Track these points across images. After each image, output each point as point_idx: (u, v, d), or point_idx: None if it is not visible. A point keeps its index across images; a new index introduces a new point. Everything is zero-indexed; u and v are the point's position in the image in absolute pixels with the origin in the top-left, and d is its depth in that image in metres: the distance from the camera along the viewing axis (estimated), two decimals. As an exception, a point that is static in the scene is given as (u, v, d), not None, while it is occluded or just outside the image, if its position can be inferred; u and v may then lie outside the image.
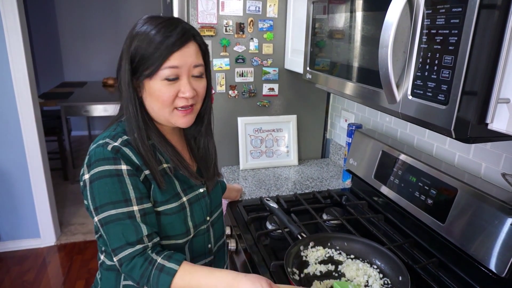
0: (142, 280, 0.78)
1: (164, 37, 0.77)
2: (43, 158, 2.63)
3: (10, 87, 2.39)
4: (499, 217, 0.90)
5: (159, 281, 0.76)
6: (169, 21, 0.80)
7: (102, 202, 0.77)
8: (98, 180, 0.77)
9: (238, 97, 1.76)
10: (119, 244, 0.77)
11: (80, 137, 5.25)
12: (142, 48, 0.78)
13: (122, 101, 0.84)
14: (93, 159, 0.78)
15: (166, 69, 0.78)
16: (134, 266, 0.77)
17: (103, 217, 0.78)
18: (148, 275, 0.77)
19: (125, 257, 0.77)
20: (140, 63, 0.79)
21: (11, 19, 2.28)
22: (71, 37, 5.04)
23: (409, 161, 1.22)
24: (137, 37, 0.79)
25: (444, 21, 0.67)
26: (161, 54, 0.77)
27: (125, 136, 0.82)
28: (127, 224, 0.77)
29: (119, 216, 0.77)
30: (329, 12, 1.12)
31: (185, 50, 0.80)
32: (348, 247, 1.09)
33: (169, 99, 0.81)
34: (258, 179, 1.68)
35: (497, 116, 0.63)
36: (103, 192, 0.77)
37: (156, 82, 0.80)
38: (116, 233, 0.77)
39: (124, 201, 0.77)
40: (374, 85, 0.89)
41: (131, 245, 0.77)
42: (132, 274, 0.78)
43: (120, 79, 0.82)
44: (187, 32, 0.80)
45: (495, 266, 0.88)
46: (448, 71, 0.66)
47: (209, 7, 1.60)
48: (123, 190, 0.78)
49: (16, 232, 2.71)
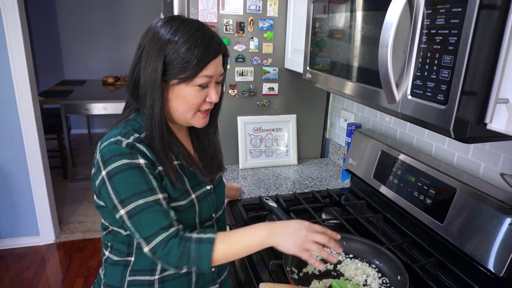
0: (182, 260, 0.78)
1: (205, 47, 0.80)
2: (43, 156, 2.63)
3: (10, 85, 2.39)
4: (497, 217, 0.90)
5: (201, 252, 0.77)
6: (204, 29, 0.83)
7: (127, 194, 0.77)
8: (119, 174, 0.77)
9: (238, 96, 1.76)
10: (153, 230, 0.77)
11: (79, 135, 5.25)
12: (181, 54, 0.79)
13: (138, 100, 0.84)
14: (108, 156, 0.78)
15: (202, 77, 0.82)
16: (171, 248, 0.77)
17: (132, 207, 0.77)
18: (188, 252, 0.77)
19: (161, 241, 0.77)
20: (175, 67, 0.80)
21: (12, 17, 2.28)
22: (71, 35, 5.04)
23: (408, 161, 1.22)
24: (174, 42, 0.79)
25: (444, 21, 0.67)
26: (201, 63, 0.80)
27: (137, 134, 0.82)
28: (158, 210, 0.78)
29: (149, 204, 0.77)
30: (329, 11, 1.12)
31: (217, 60, 0.84)
32: (347, 246, 1.09)
33: (198, 103, 0.85)
34: (258, 178, 1.68)
35: (496, 116, 0.63)
36: (126, 184, 0.77)
37: (189, 87, 0.82)
38: (148, 220, 0.77)
39: (149, 190, 0.78)
40: (374, 85, 0.89)
41: (165, 229, 0.77)
42: (169, 257, 0.77)
43: (145, 79, 0.81)
44: (221, 44, 0.86)
45: (493, 266, 0.89)
46: (447, 71, 0.67)
47: (210, 6, 1.60)
48: (146, 180, 0.78)
49: (16, 230, 2.71)
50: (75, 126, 5.19)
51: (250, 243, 0.81)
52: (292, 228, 0.81)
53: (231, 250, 0.80)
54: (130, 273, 0.88)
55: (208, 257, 0.77)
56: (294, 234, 0.80)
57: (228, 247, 0.80)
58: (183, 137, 0.96)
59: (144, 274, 0.87)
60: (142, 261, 0.86)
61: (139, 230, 0.78)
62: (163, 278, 0.87)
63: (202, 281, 0.93)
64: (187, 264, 0.78)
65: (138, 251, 0.86)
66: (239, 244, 0.81)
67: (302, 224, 0.82)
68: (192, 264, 0.78)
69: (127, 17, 5.08)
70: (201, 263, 0.78)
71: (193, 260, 0.77)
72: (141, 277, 0.87)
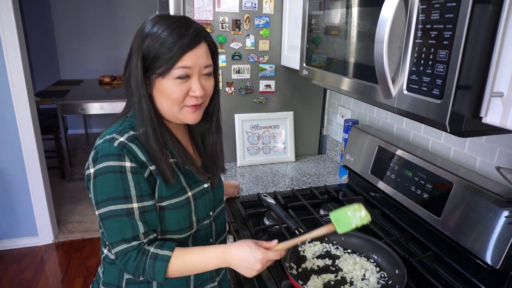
0: (137, 271, 0.81)
1: (177, 37, 0.78)
2: (40, 156, 2.62)
3: (6, 86, 2.38)
4: (494, 210, 0.91)
5: (155, 268, 0.80)
6: (182, 21, 0.82)
7: (103, 197, 0.79)
8: (101, 175, 0.79)
9: (234, 94, 1.76)
10: (116, 239, 0.80)
11: (76, 135, 5.23)
12: (156, 47, 0.79)
13: (131, 98, 0.84)
14: (100, 154, 0.80)
15: (178, 69, 0.80)
16: (129, 259, 0.80)
17: (103, 212, 0.80)
18: (143, 266, 0.80)
19: (120, 252, 0.80)
20: (153, 62, 0.80)
21: (6, 17, 2.26)
22: (67, 34, 5.01)
23: (405, 156, 1.23)
24: (150, 36, 0.80)
25: (439, 16, 0.67)
26: (174, 54, 0.78)
27: (132, 132, 0.82)
28: (125, 221, 0.79)
29: (118, 212, 0.79)
30: (325, 8, 1.12)
31: (197, 51, 0.81)
32: (345, 241, 1.10)
33: (180, 98, 0.83)
34: (256, 175, 1.68)
35: (491, 109, 0.63)
36: (105, 187, 0.79)
37: (168, 81, 0.81)
38: (113, 228, 0.80)
39: (124, 198, 0.79)
40: (370, 81, 0.90)
41: (126, 241, 0.80)
42: (127, 267, 0.81)
43: (130, 76, 0.82)
44: (200, 33, 0.82)
45: (490, 258, 0.90)
46: (442, 66, 0.67)
47: (205, 4, 1.60)
48: (125, 187, 0.79)
49: (14, 231, 2.70)
50: (72, 126, 5.18)
51: (204, 266, 0.84)
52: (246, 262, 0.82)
53: (184, 269, 0.83)
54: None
55: (161, 273, 0.80)
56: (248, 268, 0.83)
57: (182, 266, 0.82)
58: (181, 135, 0.96)
59: None
60: None
61: (107, 234, 0.82)
62: None
63: (201, 279, 0.94)
64: (142, 275, 0.82)
65: None
66: (193, 265, 0.84)
67: (256, 259, 0.82)
68: (147, 276, 0.81)
69: (123, 16, 5.06)
70: (155, 277, 0.81)
71: (148, 273, 0.81)
72: None
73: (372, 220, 1.30)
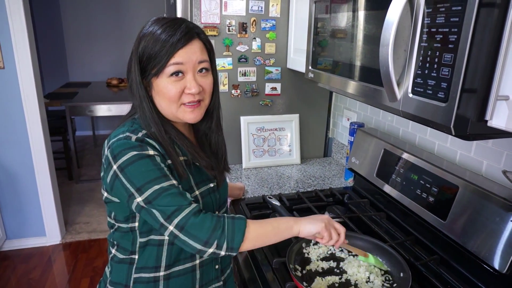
0: (214, 233, 0.76)
1: (168, 35, 0.79)
2: (49, 157, 2.65)
3: (16, 88, 2.42)
4: (500, 214, 0.90)
5: (235, 226, 0.78)
6: (174, 20, 0.83)
7: (142, 182, 0.77)
8: (131, 164, 0.77)
9: (240, 96, 1.77)
10: (175, 208, 0.76)
11: (84, 137, 5.28)
12: (149, 47, 0.80)
13: (135, 100, 0.86)
14: (118, 150, 0.79)
15: (171, 66, 0.80)
16: (204, 220, 0.76)
17: (149, 193, 0.76)
18: (223, 225, 0.77)
19: (187, 215, 0.75)
20: (148, 63, 0.81)
21: (18, 21, 2.31)
22: (75, 38, 5.08)
23: (411, 159, 1.22)
24: (144, 37, 0.82)
25: (444, 20, 0.67)
26: (166, 52, 0.79)
27: (144, 131, 0.84)
28: (175, 193, 0.77)
29: (166, 188, 0.77)
30: (331, 11, 1.13)
31: (190, 47, 0.82)
32: (350, 244, 1.09)
33: (176, 96, 0.83)
34: (261, 177, 1.69)
35: (496, 113, 0.63)
36: (140, 173, 0.77)
37: (163, 80, 0.82)
38: (167, 202, 0.76)
39: (164, 177, 0.78)
40: (376, 84, 0.90)
41: (187, 206, 0.77)
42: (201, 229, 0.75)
43: (131, 79, 0.84)
44: (191, 30, 0.83)
45: (496, 263, 0.89)
46: (448, 69, 0.67)
47: (212, 7, 1.61)
48: (159, 167, 0.78)
49: (22, 231, 2.74)
50: (80, 127, 5.23)
51: (279, 225, 0.85)
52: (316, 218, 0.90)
53: (261, 230, 0.82)
54: (136, 270, 0.89)
55: (242, 231, 0.78)
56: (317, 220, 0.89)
57: (259, 226, 0.82)
58: (187, 135, 0.97)
59: (149, 271, 0.88)
60: (146, 259, 0.87)
61: (161, 212, 0.76)
62: (168, 275, 0.88)
63: (207, 278, 0.94)
64: (218, 239, 0.76)
65: (141, 249, 0.87)
66: (270, 224, 0.85)
67: (323, 216, 0.92)
68: (225, 238, 0.76)
69: (131, 20, 5.11)
70: (234, 238, 0.77)
71: (226, 234, 0.76)
72: (146, 274, 0.88)
73: (377, 223, 1.30)
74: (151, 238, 0.86)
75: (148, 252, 0.87)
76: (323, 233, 0.88)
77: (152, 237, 0.86)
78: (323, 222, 0.89)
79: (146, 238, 0.86)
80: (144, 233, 0.86)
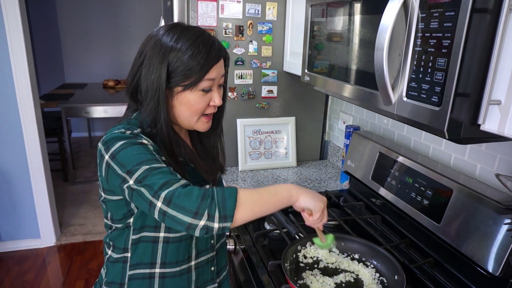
0: (204, 201, 0.69)
1: (206, 53, 0.82)
2: (44, 159, 2.64)
3: (11, 88, 2.41)
4: (493, 217, 0.91)
5: (225, 192, 0.71)
6: (205, 35, 0.85)
7: (133, 164, 0.74)
8: (122, 150, 0.76)
9: (237, 99, 1.77)
10: (164, 181, 0.71)
11: (80, 138, 5.26)
12: (184, 61, 0.81)
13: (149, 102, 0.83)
14: (110, 141, 0.78)
15: (205, 81, 0.83)
16: (192, 190, 0.70)
17: (139, 173, 0.73)
18: (211, 193, 0.71)
19: (176, 187, 0.71)
20: (179, 75, 0.82)
21: (13, 21, 2.30)
22: (72, 39, 5.07)
23: (406, 162, 1.23)
24: (176, 50, 0.81)
25: (438, 25, 0.68)
26: (204, 68, 0.82)
27: (140, 130, 0.84)
28: (166, 171, 0.74)
29: (156, 167, 0.74)
30: (327, 15, 1.14)
31: (219, 64, 0.86)
32: (345, 246, 1.10)
33: (202, 108, 0.87)
34: (257, 180, 1.69)
35: (489, 117, 0.64)
36: (131, 156, 0.75)
37: (193, 93, 0.84)
38: (158, 178, 0.72)
39: (155, 159, 0.76)
40: (371, 87, 0.91)
41: (177, 180, 0.73)
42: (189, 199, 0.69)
43: (148, 84, 0.83)
44: (222, 48, 0.87)
45: (490, 266, 0.90)
46: (441, 73, 0.68)
47: (209, 10, 1.62)
48: (151, 153, 0.77)
49: (16, 232, 2.72)
50: (75, 129, 5.21)
51: (277, 192, 0.79)
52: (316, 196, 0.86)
53: (257, 195, 0.75)
54: (130, 267, 0.89)
55: (233, 197, 0.70)
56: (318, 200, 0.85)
57: (254, 192, 0.76)
58: (184, 138, 0.97)
59: (144, 267, 0.87)
60: (140, 256, 0.87)
61: (148, 188, 0.71)
62: (163, 274, 0.88)
63: (202, 280, 0.94)
64: (209, 207, 0.68)
65: (134, 246, 0.87)
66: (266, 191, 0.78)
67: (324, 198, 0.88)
68: (215, 206, 0.69)
69: (128, 21, 5.11)
70: (226, 205, 0.70)
71: (217, 201, 0.69)
72: (142, 270, 0.88)
73: (373, 226, 1.31)
74: (143, 235, 0.86)
75: (141, 249, 0.87)
76: (316, 213, 0.85)
77: (145, 234, 0.86)
78: (322, 203, 0.86)
79: (138, 235, 0.86)
80: (137, 229, 0.86)
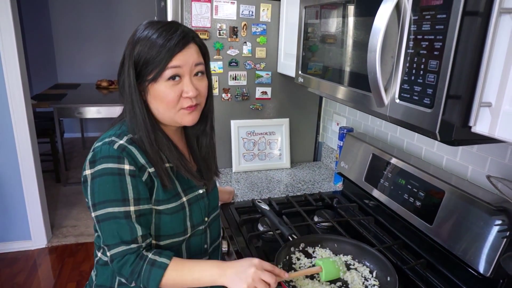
0: (132, 276, 0.80)
1: (165, 40, 0.79)
2: (35, 159, 2.61)
3: (2, 88, 2.38)
4: (484, 219, 0.92)
5: (151, 275, 0.79)
6: (169, 24, 0.83)
7: (100, 199, 0.79)
8: (100, 177, 0.79)
9: (231, 100, 1.77)
10: (113, 241, 0.80)
11: (73, 139, 5.21)
12: (145, 52, 0.80)
13: (126, 105, 0.85)
14: (98, 156, 0.80)
15: (168, 70, 0.81)
16: (125, 263, 0.80)
17: (100, 213, 0.79)
18: (139, 271, 0.79)
19: (118, 253, 0.80)
20: (144, 67, 0.81)
21: (4, 19, 2.27)
22: (65, 38, 5.03)
23: (399, 164, 1.24)
24: (140, 42, 0.81)
25: (430, 27, 0.69)
26: (164, 57, 0.79)
27: (130, 135, 0.84)
28: (123, 223, 0.79)
29: (116, 215, 0.79)
30: (321, 17, 1.14)
31: (186, 51, 0.82)
32: (338, 248, 1.10)
33: (174, 100, 0.83)
34: (251, 181, 1.69)
35: (480, 119, 0.65)
36: (103, 189, 0.79)
37: (160, 84, 0.82)
38: (111, 230, 0.79)
39: (122, 201, 0.79)
40: (364, 89, 0.91)
41: (125, 243, 0.79)
42: (122, 270, 0.80)
43: (124, 83, 0.83)
44: (187, 34, 0.83)
45: (481, 266, 0.90)
46: (433, 76, 0.68)
47: (203, 11, 1.61)
48: (123, 189, 0.79)
49: (7, 234, 2.68)
50: (68, 130, 5.17)
51: (200, 278, 0.81)
52: (242, 267, 0.81)
53: (180, 279, 0.81)
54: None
55: (156, 281, 0.79)
56: (243, 274, 0.79)
57: (179, 275, 0.81)
58: (177, 139, 0.96)
59: None
60: None
61: (104, 236, 0.81)
62: None
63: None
64: (136, 281, 0.81)
65: None
66: (190, 275, 0.81)
67: (252, 262, 0.81)
68: (141, 282, 0.80)
69: (122, 21, 5.09)
70: (149, 284, 0.80)
71: (142, 279, 0.80)
72: None
73: (366, 228, 1.31)
74: None
75: None
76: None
77: None
78: (251, 277, 0.78)
79: None
80: None
